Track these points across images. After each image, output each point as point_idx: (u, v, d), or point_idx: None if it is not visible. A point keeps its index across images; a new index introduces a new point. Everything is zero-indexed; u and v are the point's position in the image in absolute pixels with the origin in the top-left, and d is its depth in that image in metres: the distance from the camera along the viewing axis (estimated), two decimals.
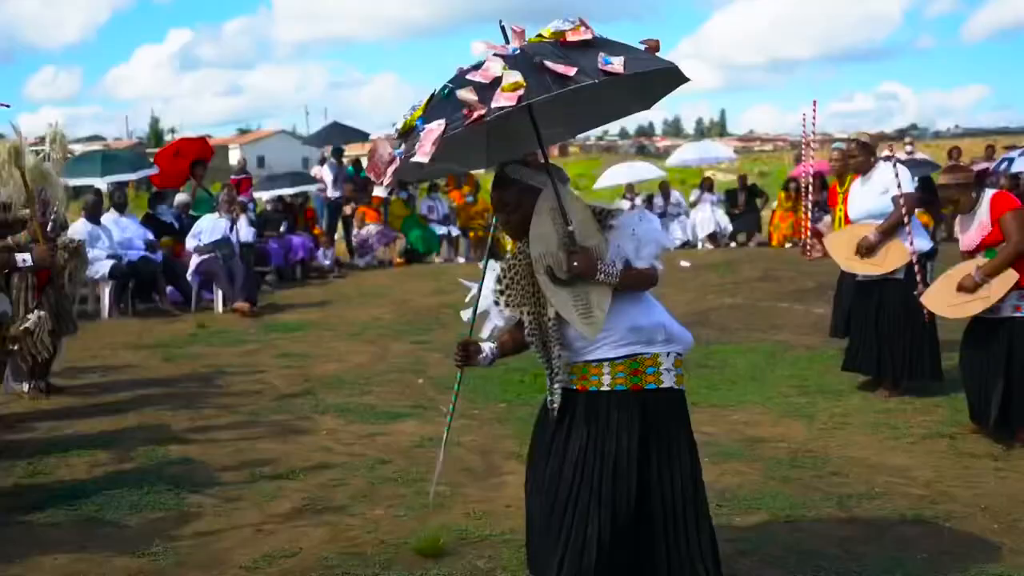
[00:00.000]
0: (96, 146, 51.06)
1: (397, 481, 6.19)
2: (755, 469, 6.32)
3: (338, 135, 24.32)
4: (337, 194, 20.18)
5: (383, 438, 7.14)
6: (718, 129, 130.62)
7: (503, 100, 3.40)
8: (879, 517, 5.46)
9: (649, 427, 3.89)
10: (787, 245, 20.49)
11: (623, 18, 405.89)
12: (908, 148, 22.77)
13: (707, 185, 22.42)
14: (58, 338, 8.35)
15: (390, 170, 3.63)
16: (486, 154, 4.19)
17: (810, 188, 11.79)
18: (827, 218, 10.62)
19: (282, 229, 17.33)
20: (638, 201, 21.53)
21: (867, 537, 5.18)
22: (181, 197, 15.99)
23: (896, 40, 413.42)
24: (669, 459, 3.93)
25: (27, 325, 7.48)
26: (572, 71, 3.45)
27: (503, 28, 3.74)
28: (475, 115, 3.42)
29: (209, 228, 13.85)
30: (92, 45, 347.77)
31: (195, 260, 13.70)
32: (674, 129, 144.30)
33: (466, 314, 4.26)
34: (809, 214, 11.60)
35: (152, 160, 17.35)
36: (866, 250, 7.97)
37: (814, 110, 9.02)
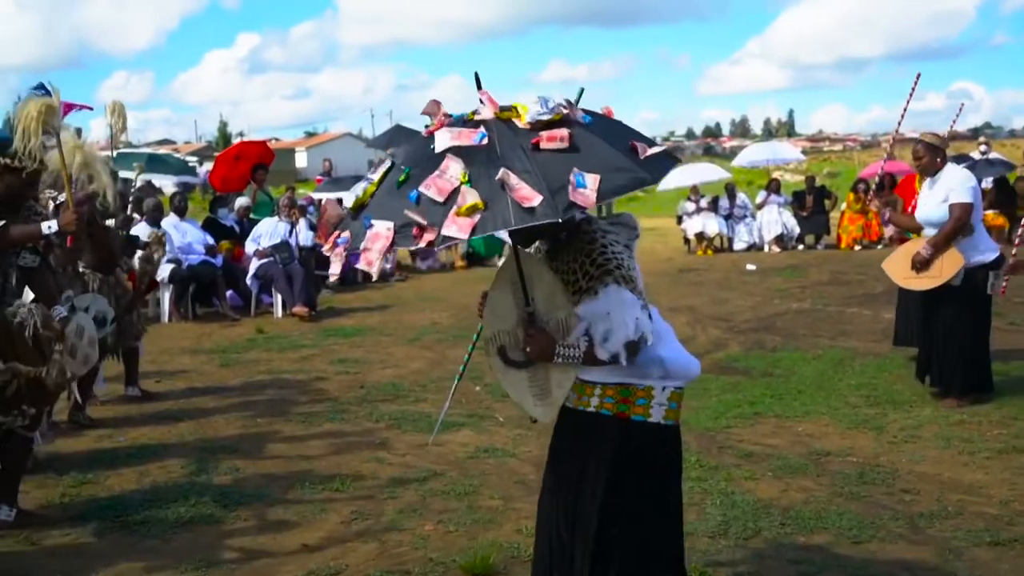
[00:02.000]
0: (165, 150, 51.73)
1: (449, 494, 6.03)
2: (821, 485, 6.07)
3: (402, 137, 24.25)
4: None
5: (437, 448, 6.97)
6: (786, 129, 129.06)
7: (454, 228, 3.11)
8: (952, 539, 5.19)
9: (627, 460, 3.69)
10: (856, 248, 20.09)
11: (687, 18, 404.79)
12: (983, 148, 22.26)
13: (774, 186, 22.05)
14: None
15: (335, 265, 3.50)
16: None
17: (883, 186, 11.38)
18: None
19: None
20: (703, 203, 21.22)
21: (939, 561, 4.92)
22: (242, 201, 15.99)
23: (969, 37, 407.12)
24: (646, 497, 3.75)
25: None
26: (536, 200, 3.09)
27: (478, 80, 3.47)
28: (423, 241, 3.15)
29: (269, 232, 13.82)
30: (162, 50, 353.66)
31: (254, 264, 13.68)
32: (741, 129, 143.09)
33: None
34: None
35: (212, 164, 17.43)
36: (921, 265, 7.69)
37: (915, 85, 8.41)
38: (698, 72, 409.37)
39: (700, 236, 21.09)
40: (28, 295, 5.87)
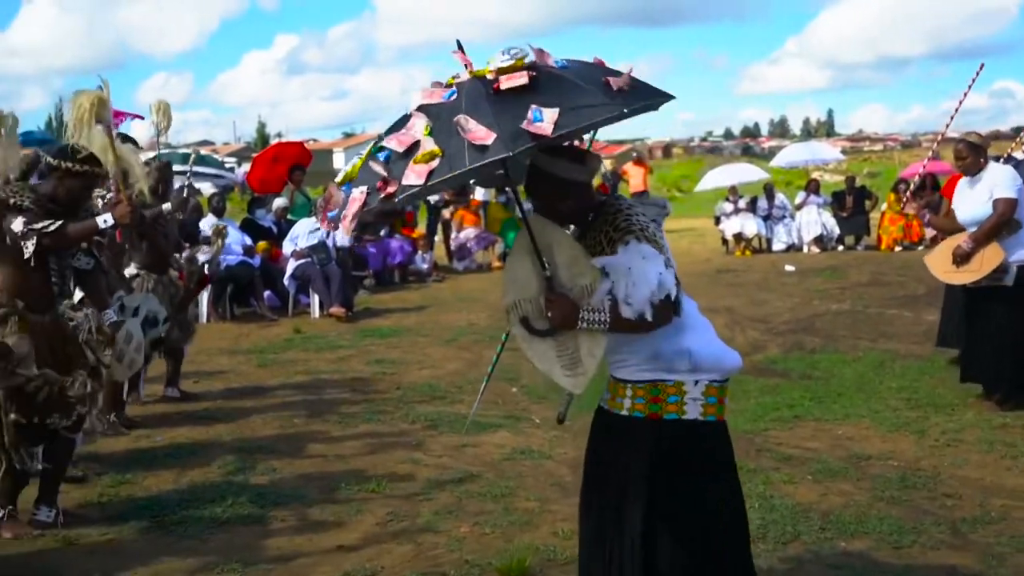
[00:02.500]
0: (204, 151, 52.03)
1: (485, 496, 6.00)
2: (861, 489, 5.99)
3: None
4: (436, 197, 20.09)
5: (473, 450, 6.95)
6: (825, 129, 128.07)
7: (412, 176, 3.12)
8: (995, 544, 5.10)
9: (664, 461, 3.58)
10: (897, 249, 19.90)
11: (725, 18, 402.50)
12: None
13: (813, 187, 21.89)
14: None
15: (327, 227, 3.47)
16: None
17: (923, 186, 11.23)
18: None
19: (381, 233, 17.29)
20: (741, 203, 21.09)
21: (981, 567, 4.84)
22: (279, 201, 16.04)
23: (1011, 35, 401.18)
24: (687, 498, 3.62)
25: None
26: (489, 139, 3.09)
27: (460, 46, 3.44)
28: (385, 191, 3.18)
29: (306, 232, 13.85)
30: (202, 52, 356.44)
31: (292, 264, 13.72)
32: (780, 129, 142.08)
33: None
34: None
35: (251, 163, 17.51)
36: (961, 259, 7.58)
37: (976, 76, 8.13)
38: (736, 72, 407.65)
39: (738, 237, 20.97)
40: (75, 296, 5.92)
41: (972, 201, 7.67)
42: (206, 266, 10.46)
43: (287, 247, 13.98)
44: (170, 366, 8.71)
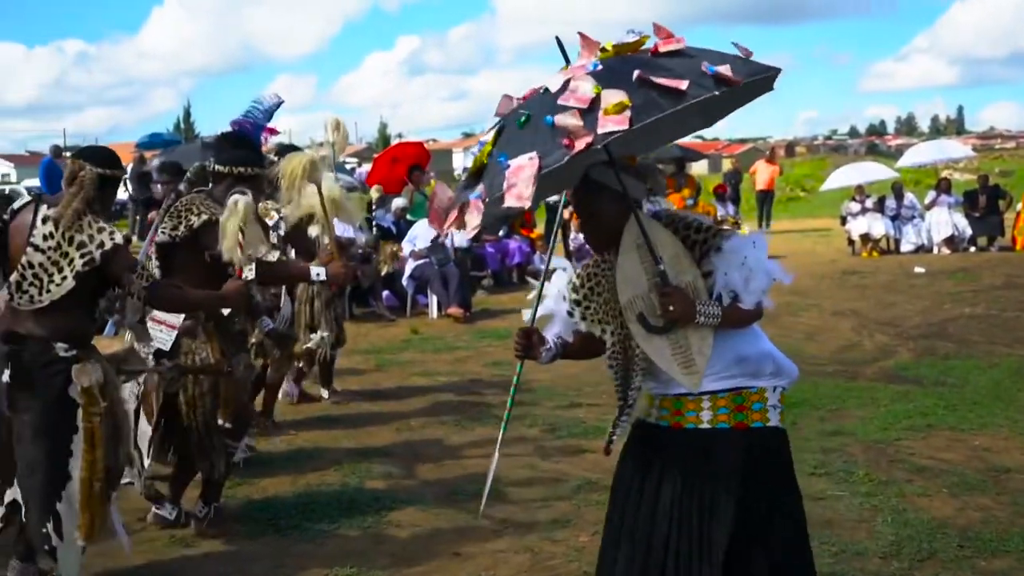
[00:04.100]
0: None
1: (602, 504, 5.79)
2: (1001, 504, 5.69)
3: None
4: (555, 198, 19.95)
5: (591, 455, 6.78)
6: (955, 127, 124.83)
7: (611, 124, 2.92)
8: None
9: (753, 471, 3.40)
10: None
11: (850, 14, 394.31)
12: None
13: (944, 186, 21.17)
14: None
15: (472, 219, 3.12)
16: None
17: None
18: None
19: (500, 233, 17.23)
20: (869, 203, 20.52)
21: None
22: (399, 202, 16.08)
23: None
24: (772, 509, 3.44)
25: (310, 345, 7.97)
26: (683, 84, 2.99)
27: (560, 45, 3.28)
28: (581, 144, 2.94)
29: (424, 233, 13.86)
30: (325, 54, 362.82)
31: (410, 265, 13.75)
32: (907, 127, 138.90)
33: (526, 314, 3.85)
34: None
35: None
36: None
37: None
38: (861, 69, 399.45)
39: (865, 237, 20.40)
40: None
41: None
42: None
43: (405, 247, 14.01)
44: (325, 368, 8.75)
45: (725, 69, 3.07)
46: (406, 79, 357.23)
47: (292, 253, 7.13)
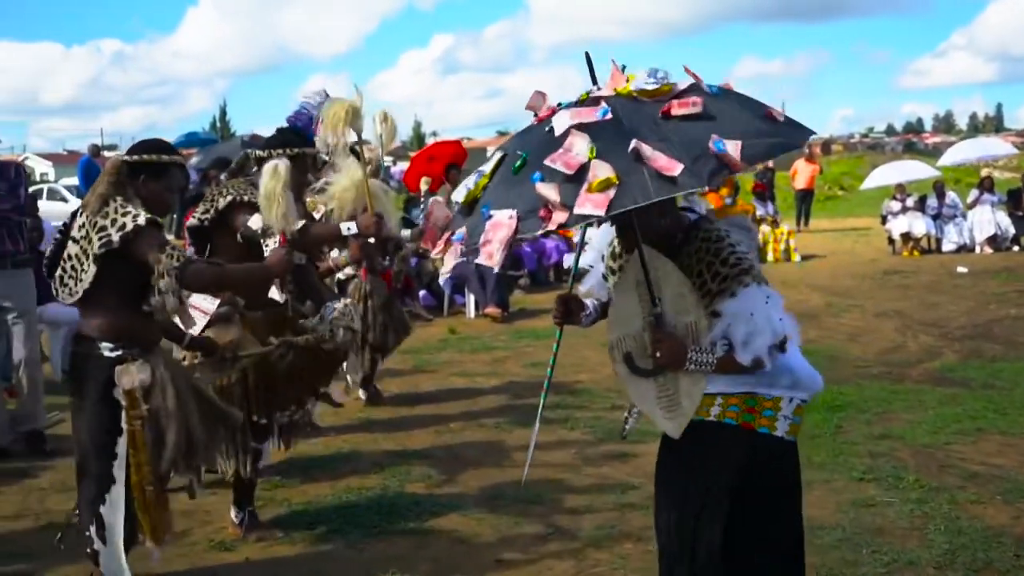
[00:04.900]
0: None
1: (647, 509, 5.66)
2: None
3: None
4: None
5: (634, 459, 6.67)
6: (993, 124, 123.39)
7: (589, 206, 2.84)
8: None
9: (753, 473, 3.39)
10: None
11: (886, 10, 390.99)
12: None
13: (987, 184, 20.85)
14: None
15: (449, 261, 3.21)
16: None
17: None
18: None
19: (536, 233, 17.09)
20: (910, 202, 20.25)
21: None
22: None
23: None
24: (769, 517, 3.44)
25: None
26: (676, 169, 2.84)
27: (589, 61, 3.23)
28: (554, 222, 2.90)
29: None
30: (360, 52, 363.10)
31: (449, 263, 13.66)
32: (945, 125, 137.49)
33: (569, 259, 3.78)
34: None
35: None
36: None
37: None
38: (898, 66, 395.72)
39: (906, 236, 20.14)
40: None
41: None
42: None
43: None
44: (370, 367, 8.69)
45: (734, 148, 2.93)
46: (440, 77, 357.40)
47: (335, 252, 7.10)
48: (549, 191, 2.93)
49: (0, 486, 6.32)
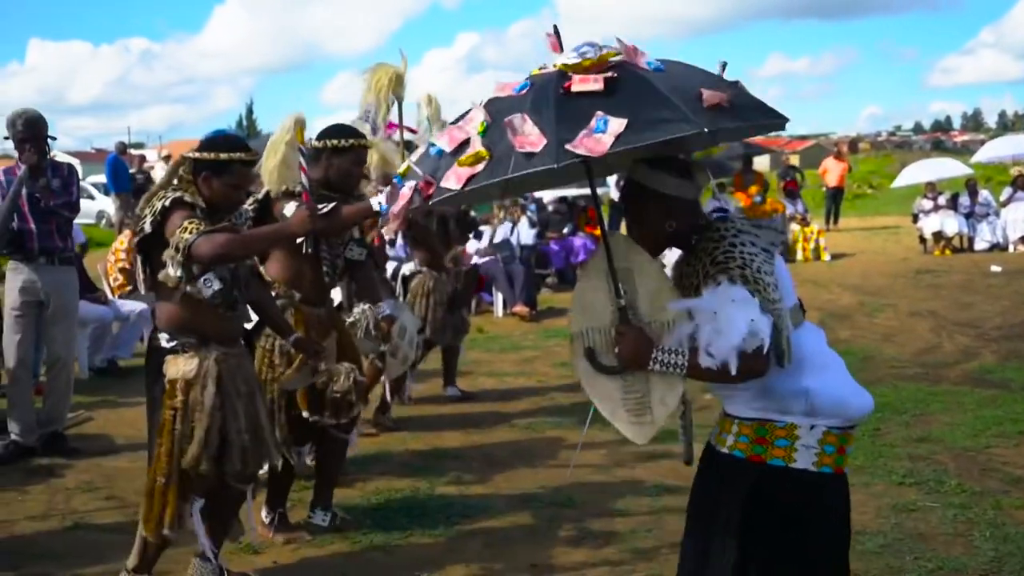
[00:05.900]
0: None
1: (682, 512, 5.58)
2: None
3: None
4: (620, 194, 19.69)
5: (667, 460, 6.54)
6: (1023, 122, 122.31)
7: (452, 179, 2.83)
8: None
9: (763, 512, 3.04)
10: None
11: (914, 7, 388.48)
12: None
13: (1020, 183, 20.57)
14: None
15: (393, 215, 3.08)
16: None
17: None
18: None
19: (564, 231, 17.03)
20: (941, 200, 20.01)
21: None
22: None
23: None
24: (784, 555, 3.05)
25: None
26: (539, 146, 2.73)
27: (557, 33, 3.08)
28: (426, 192, 2.92)
29: (489, 230, 13.70)
30: (385, 51, 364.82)
31: (475, 262, 13.58)
32: (974, 123, 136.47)
33: None
34: None
35: None
36: None
37: None
38: (926, 64, 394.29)
39: (938, 235, 19.89)
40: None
41: None
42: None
43: (470, 245, 13.85)
44: (448, 365, 8.70)
45: (612, 128, 2.74)
46: (465, 75, 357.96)
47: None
48: (427, 168, 2.95)
49: (26, 486, 6.25)
